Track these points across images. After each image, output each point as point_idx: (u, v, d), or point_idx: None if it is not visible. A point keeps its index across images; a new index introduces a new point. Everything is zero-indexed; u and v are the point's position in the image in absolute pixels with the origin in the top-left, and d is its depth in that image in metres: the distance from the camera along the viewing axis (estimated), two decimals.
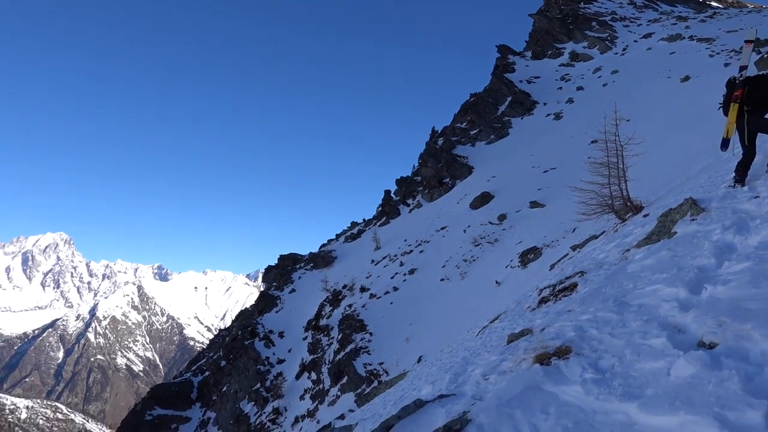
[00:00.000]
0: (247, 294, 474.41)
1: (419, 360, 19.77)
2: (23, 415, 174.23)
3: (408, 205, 52.90)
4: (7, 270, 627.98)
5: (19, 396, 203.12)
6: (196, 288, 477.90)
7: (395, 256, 37.54)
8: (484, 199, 37.10)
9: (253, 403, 32.72)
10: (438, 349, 17.07)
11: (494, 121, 55.32)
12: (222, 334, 57.17)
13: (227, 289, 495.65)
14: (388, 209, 54.59)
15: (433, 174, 50.83)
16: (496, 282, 23.72)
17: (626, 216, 13.25)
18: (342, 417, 20.14)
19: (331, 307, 35.09)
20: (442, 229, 37.28)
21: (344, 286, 36.97)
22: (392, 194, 58.29)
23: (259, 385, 33.26)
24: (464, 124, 58.87)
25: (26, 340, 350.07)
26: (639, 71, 49.15)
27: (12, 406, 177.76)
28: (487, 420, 3.84)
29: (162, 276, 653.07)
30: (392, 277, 33.39)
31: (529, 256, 23.49)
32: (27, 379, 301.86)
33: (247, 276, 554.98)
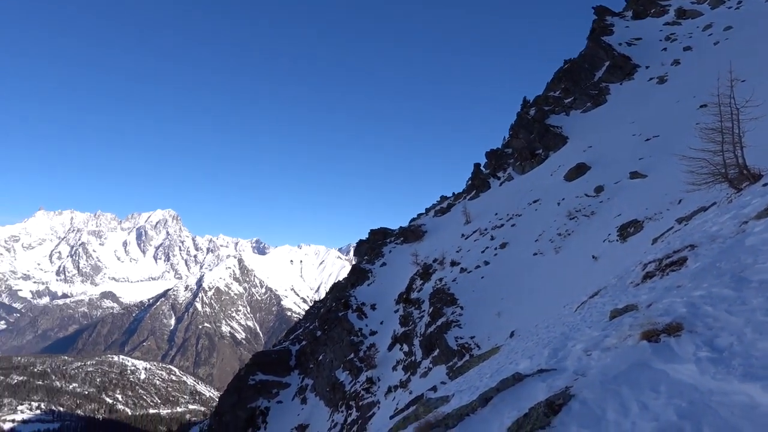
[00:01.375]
0: (340, 267, 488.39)
1: (512, 335, 19.52)
2: (143, 376, 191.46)
3: (498, 178, 51.82)
4: (124, 244, 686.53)
5: (138, 358, 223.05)
6: (291, 261, 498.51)
7: (486, 230, 37.04)
8: (579, 170, 35.56)
9: (348, 372, 33.89)
10: (531, 324, 16.77)
11: (590, 88, 52.52)
12: (317, 305, 59.40)
13: (321, 263, 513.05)
14: (478, 183, 53.76)
15: (525, 145, 49.31)
16: (593, 257, 22.80)
17: (742, 185, 12.20)
18: (434, 389, 20.40)
19: (421, 281, 35.37)
20: (534, 202, 36.24)
21: (434, 260, 37.07)
22: (482, 167, 57.29)
23: (352, 355, 34.36)
24: (558, 92, 56.38)
25: (142, 308, 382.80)
26: (757, 26, 44.54)
27: (133, 367, 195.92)
28: (591, 396, 3.74)
29: (260, 250, 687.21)
30: (483, 251, 33.02)
31: (629, 229, 22.32)
32: (144, 343, 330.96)
33: (340, 250, 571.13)
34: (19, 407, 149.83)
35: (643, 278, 8.12)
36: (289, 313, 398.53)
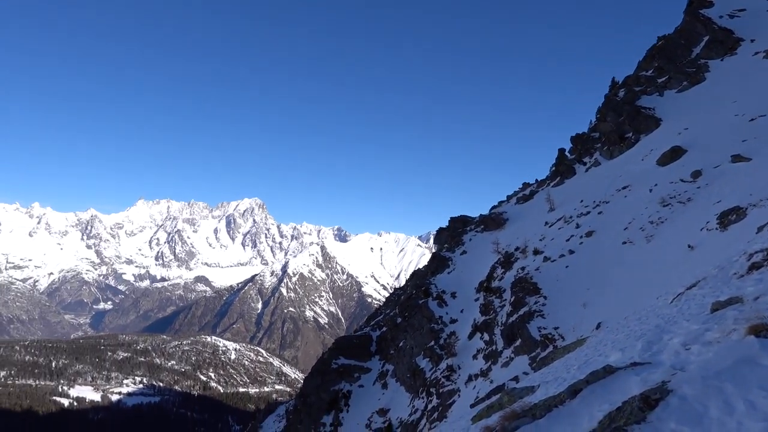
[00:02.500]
0: (420, 255, 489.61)
1: (598, 326, 18.80)
2: (233, 356, 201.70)
3: (584, 164, 49.74)
4: (215, 231, 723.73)
5: (228, 340, 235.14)
6: (371, 249, 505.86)
7: (570, 217, 35.74)
8: (674, 154, 33.41)
9: (428, 359, 34.03)
10: (620, 315, 16.05)
11: (687, 65, 49.06)
12: (397, 292, 59.94)
13: (401, 250, 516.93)
14: (563, 168, 51.87)
15: (613, 129, 46.93)
16: (689, 246, 21.43)
17: None
18: (516, 379, 20.07)
19: (502, 269, 34.77)
20: (623, 188, 34.50)
21: (516, 249, 36.29)
22: (567, 152, 55.21)
23: (433, 342, 34.45)
24: (650, 71, 53.09)
25: (232, 292, 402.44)
26: None
27: (224, 348, 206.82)
28: (691, 392, 3.53)
29: (341, 237, 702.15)
30: (567, 240, 31.90)
31: (730, 217, 20.76)
32: (234, 326, 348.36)
33: (419, 238, 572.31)
34: (125, 381, 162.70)
35: (748, 269, 7.54)
36: (369, 300, 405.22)
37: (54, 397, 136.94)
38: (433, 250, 55.96)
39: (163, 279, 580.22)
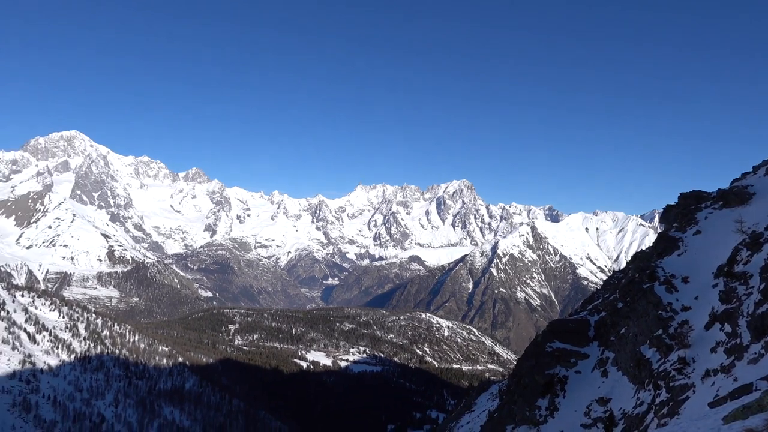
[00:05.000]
0: (642, 235, 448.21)
1: None
2: (446, 333, 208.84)
3: None
4: (426, 213, 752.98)
5: (441, 317, 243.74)
6: (587, 229, 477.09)
7: None
8: None
9: (655, 349, 31.15)
10: None
11: None
12: (616, 275, 55.80)
13: (620, 230, 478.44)
14: None
15: None
16: None
17: None
18: None
19: (749, 252, 30.05)
20: None
21: (766, 228, 31.05)
22: None
23: (660, 331, 31.40)
24: None
25: (443, 271, 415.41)
26: None
27: (438, 325, 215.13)
28: None
29: (553, 217, 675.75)
30: None
31: None
32: (446, 304, 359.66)
33: (641, 216, 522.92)
34: (351, 350, 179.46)
35: None
36: (584, 283, 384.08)
37: (295, 360, 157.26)
38: (659, 230, 50.71)
39: (380, 258, 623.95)
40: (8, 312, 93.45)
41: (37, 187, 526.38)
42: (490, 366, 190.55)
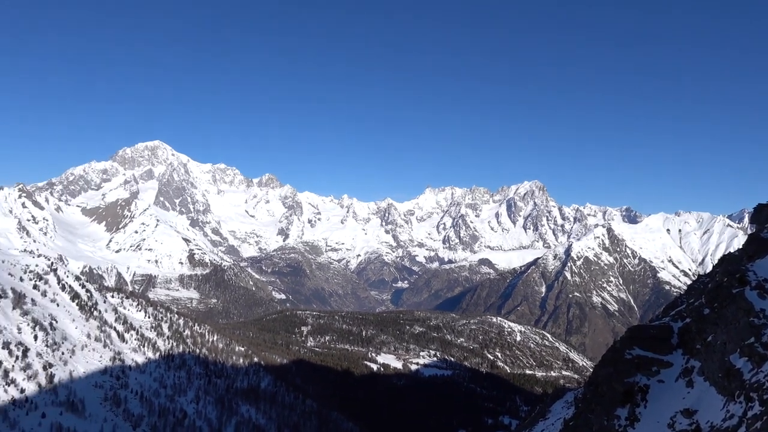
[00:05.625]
0: (730, 236, 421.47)
1: None
2: (518, 338, 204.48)
3: None
4: (497, 215, 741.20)
5: (513, 321, 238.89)
6: (668, 230, 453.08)
7: None
8: None
9: (747, 358, 29.07)
10: None
11: None
12: (701, 279, 52.58)
13: (704, 232, 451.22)
14: None
15: None
16: None
17: None
18: None
19: None
20: None
21: None
22: None
23: (753, 339, 29.28)
24: None
25: (515, 274, 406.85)
26: None
27: (509, 329, 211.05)
28: None
29: (630, 218, 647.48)
30: None
31: None
32: (518, 308, 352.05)
33: (729, 217, 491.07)
34: (421, 353, 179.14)
35: None
36: (666, 287, 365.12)
37: (365, 362, 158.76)
38: (750, 231, 47.32)
39: (450, 261, 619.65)
40: (100, 312, 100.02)
41: (124, 194, 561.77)
42: (564, 372, 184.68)
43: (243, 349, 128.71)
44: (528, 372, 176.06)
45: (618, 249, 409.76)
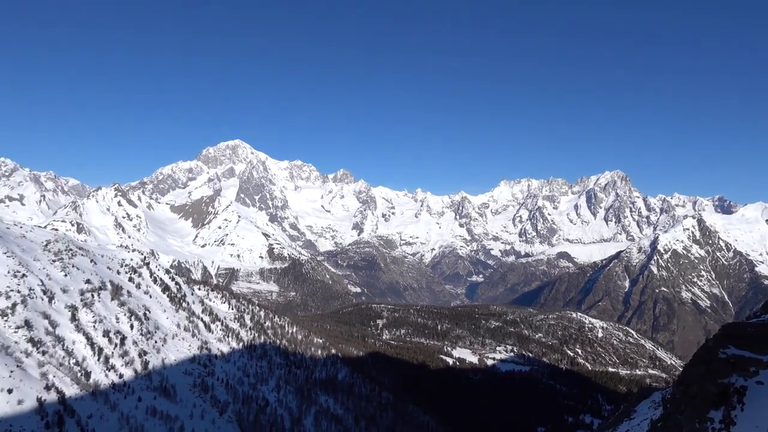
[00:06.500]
0: None
1: None
2: (600, 334, 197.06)
3: None
4: (576, 207, 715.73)
5: (594, 317, 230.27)
6: (767, 221, 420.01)
7: None
8: None
9: None
10: None
11: None
12: None
13: None
14: None
15: None
16: None
17: None
18: None
19: None
20: None
21: None
22: None
23: None
24: None
25: (596, 268, 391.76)
26: None
27: (590, 325, 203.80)
28: None
29: (724, 208, 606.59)
30: None
31: None
32: (599, 303, 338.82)
33: None
34: (497, 348, 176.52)
35: None
36: (765, 282, 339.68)
37: (440, 356, 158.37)
38: None
39: (526, 255, 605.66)
40: (188, 303, 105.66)
41: (208, 192, 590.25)
42: (650, 371, 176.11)
43: (321, 340, 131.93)
44: (611, 370, 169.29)
45: (710, 241, 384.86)
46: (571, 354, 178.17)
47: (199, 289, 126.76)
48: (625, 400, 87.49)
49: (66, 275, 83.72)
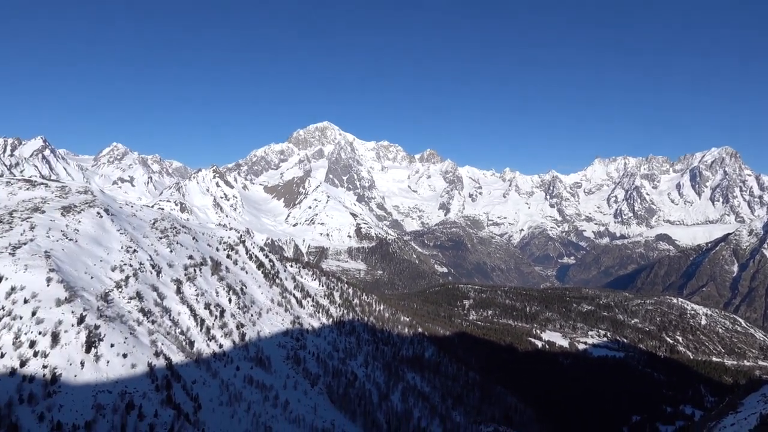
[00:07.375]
0: None
1: None
2: (703, 321, 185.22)
3: None
4: (678, 186, 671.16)
5: (696, 303, 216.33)
6: None
7: None
8: None
9: None
10: None
11: None
12: None
13: None
14: None
15: None
16: None
17: None
18: None
19: None
20: None
21: None
22: None
23: None
24: None
25: (700, 252, 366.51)
26: None
27: (692, 312, 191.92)
28: None
29: None
30: None
31: None
32: (703, 289, 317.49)
33: None
34: (589, 332, 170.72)
35: None
36: None
37: (529, 338, 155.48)
38: None
39: (622, 236, 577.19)
40: (281, 280, 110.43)
41: (299, 173, 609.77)
42: (761, 363, 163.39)
43: (407, 319, 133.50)
44: (715, 359, 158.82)
45: None
46: (671, 341, 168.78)
47: (291, 266, 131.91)
48: (730, 392, 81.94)
49: (171, 251, 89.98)
